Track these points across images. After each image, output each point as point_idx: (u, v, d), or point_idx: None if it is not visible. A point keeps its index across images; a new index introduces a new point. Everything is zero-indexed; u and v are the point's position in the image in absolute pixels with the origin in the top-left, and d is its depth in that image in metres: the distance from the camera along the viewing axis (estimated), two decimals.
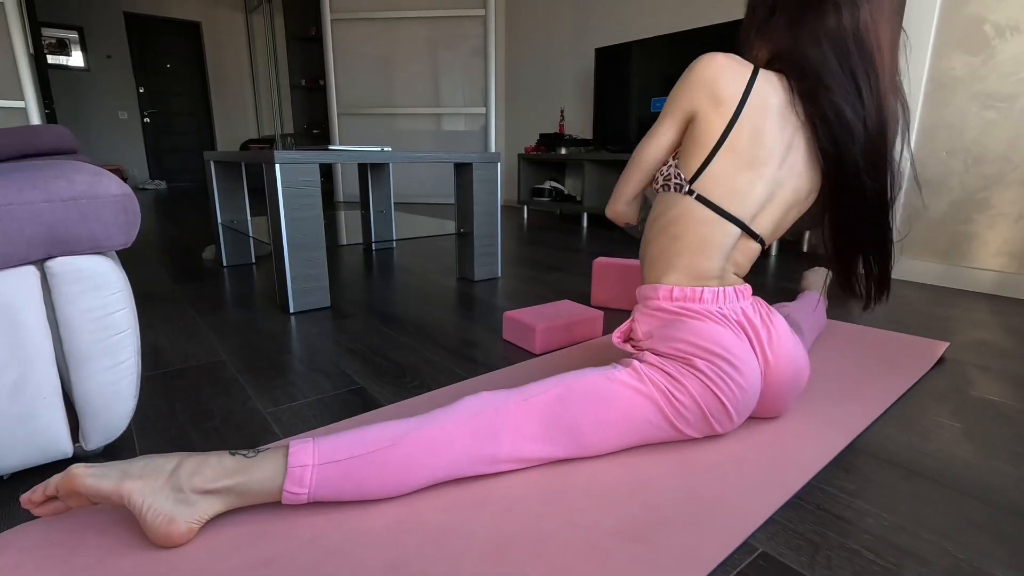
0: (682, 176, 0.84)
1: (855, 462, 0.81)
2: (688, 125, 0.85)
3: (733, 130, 0.80)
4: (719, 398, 0.79)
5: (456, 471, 0.72)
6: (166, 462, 0.64)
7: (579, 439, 0.77)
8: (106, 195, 0.73)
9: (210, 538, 0.64)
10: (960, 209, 1.90)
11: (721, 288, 0.84)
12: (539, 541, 0.64)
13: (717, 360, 0.78)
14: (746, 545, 0.64)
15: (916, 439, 0.88)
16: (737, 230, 0.85)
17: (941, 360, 1.23)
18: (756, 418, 0.93)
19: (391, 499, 0.71)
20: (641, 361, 0.82)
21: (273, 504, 0.70)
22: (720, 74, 0.80)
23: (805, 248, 2.63)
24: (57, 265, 0.71)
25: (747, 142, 0.81)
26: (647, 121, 3.21)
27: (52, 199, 0.69)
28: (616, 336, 0.92)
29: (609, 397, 0.77)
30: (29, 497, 0.62)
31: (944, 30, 1.87)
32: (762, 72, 0.82)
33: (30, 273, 0.70)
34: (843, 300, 1.72)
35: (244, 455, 0.66)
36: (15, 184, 0.67)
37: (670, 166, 0.87)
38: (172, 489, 0.62)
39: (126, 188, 0.76)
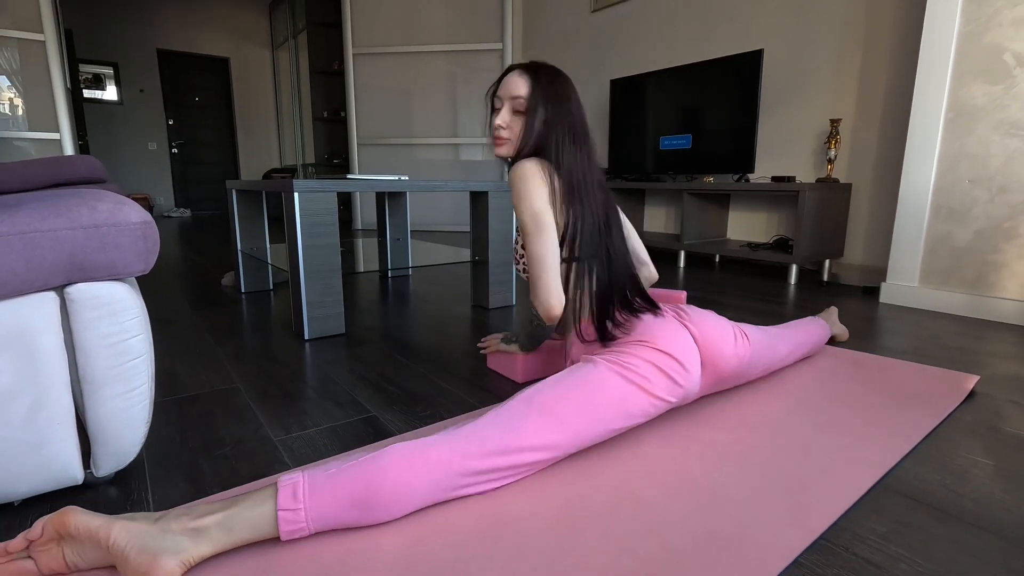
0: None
1: (885, 502, 0.77)
2: None
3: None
4: (661, 350, 0.90)
5: (451, 472, 0.72)
6: (155, 512, 0.64)
7: (559, 421, 0.80)
8: (126, 223, 0.74)
9: (205, 567, 0.62)
10: (986, 239, 1.86)
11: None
12: None
13: (642, 332, 0.93)
14: None
15: (950, 478, 0.84)
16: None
17: (971, 394, 1.18)
18: (728, 393, 1.10)
19: (398, 531, 0.69)
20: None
21: (274, 542, 0.67)
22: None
23: (825, 277, 2.59)
24: (76, 291, 0.72)
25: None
26: (661, 151, 3.23)
27: (74, 226, 0.70)
28: None
29: (573, 380, 0.84)
30: (5, 547, 0.59)
31: (962, 59, 1.86)
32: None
33: (50, 299, 0.71)
34: (864, 331, 1.67)
35: (233, 497, 0.66)
36: (38, 212, 0.68)
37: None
38: (160, 530, 0.60)
39: (146, 215, 0.77)
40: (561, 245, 0.99)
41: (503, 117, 1.02)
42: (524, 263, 1.09)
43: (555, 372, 1.28)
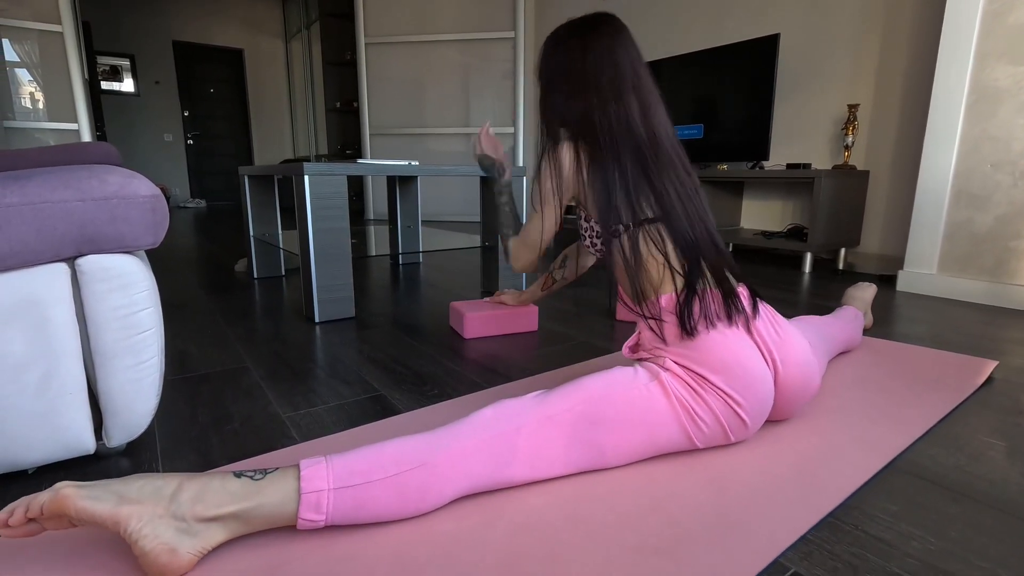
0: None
1: (897, 483, 0.76)
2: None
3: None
4: (738, 413, 0.79)
5: (473, 490, 0.69)
6: (165, 484, 0.58)
7: (598, 457, 0.76)
8: (135, 196, 0.75)
9: None
10: (1008, 225, 1.81)
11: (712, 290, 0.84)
12: (554, 555, 0.61)
13: (735, 378, 0.78)
14: (777, 564, 0.60)
15: (965, 460, 0.82)
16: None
17: (989, 379, 1.16)
18: (767, 421, 0.91)
19: None
20: (664, 369, 0.80)
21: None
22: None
23: (841, 266, 2.55)
24: (86, 263, 0.73)
25: None
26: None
27: (84, 198, 0.71)
28: (625, 349, 0.90)
29: (634, 419, 0.76)
30: (4, 518, 0.55)
31: (986, 40, 1.81)
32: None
33: (60, 271, 0.72)
34: (887, 317, 1.64)
35: (251, 477, 0.61)
36: (49, 183, 0.69)
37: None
38: (173, 517, 0.57)
39: (155, 189, 0.78)
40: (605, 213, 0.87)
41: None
42: (589, 236, 0.96)
43: (496, 331, 1.45)
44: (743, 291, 0.87)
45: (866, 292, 1.45)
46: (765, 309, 0.87)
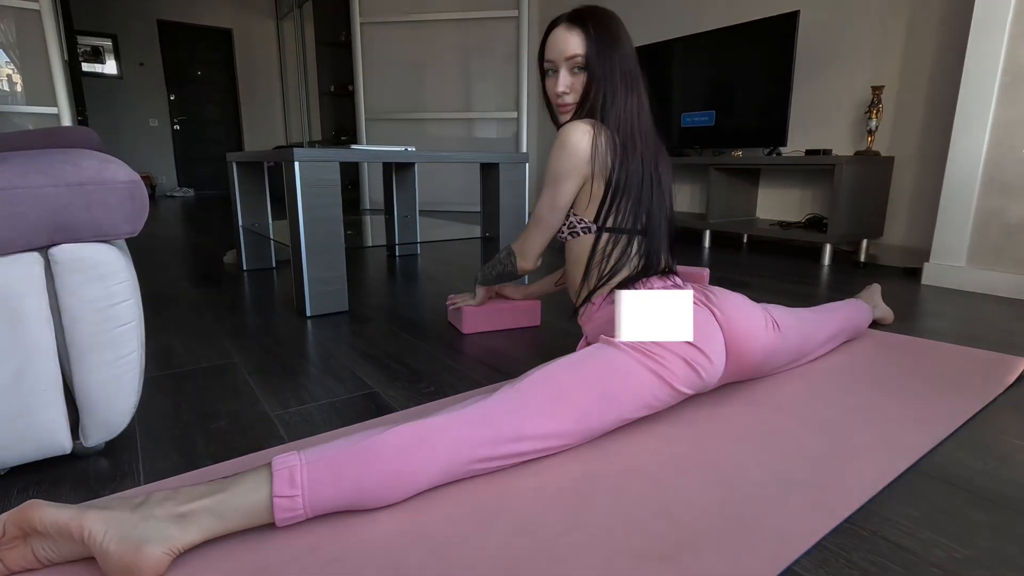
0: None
1: (920, 487, 0.75)
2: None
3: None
4: (689, 342, 0.88)
5: (459, 460, 0.70)
6: (134, 495, 0.60)
7: (575, 408, 0.79)
8: (113, 181, 0.74)
9: (195, 548, 0.62)
10: None
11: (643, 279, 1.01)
12: (554, 560, 0.61)
13: None
14: (790, 572, 0.59)
15: (993, 464, 0.81)
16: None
17: (1021, 378, 1.15)
18: (749, 380, 1.04)
19: (395, 505, 0.69)
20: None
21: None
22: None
23: (862, 258, 2.53)
24: (61, 253, 0.72)
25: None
26: (686, 123, 3.16)
27: (57, 184, 0.70)
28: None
29: (595, 367, 0.82)
30: None
31: (1021, 17, 1.78)
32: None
33: (33, 260, 0.71)
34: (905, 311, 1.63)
35: (222, 479, 0.63)
36: (20, 168, 0.69)
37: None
38: (141, 517, 0.56)
39: (134, 175, 0.77)
40: (603, 207, 1.00)
41: (564, 81, 0.99)
42: (567, 229, 1.07)
43: (497, 325, 1.48)
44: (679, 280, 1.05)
45: (870, 291, 1.53)
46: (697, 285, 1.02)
